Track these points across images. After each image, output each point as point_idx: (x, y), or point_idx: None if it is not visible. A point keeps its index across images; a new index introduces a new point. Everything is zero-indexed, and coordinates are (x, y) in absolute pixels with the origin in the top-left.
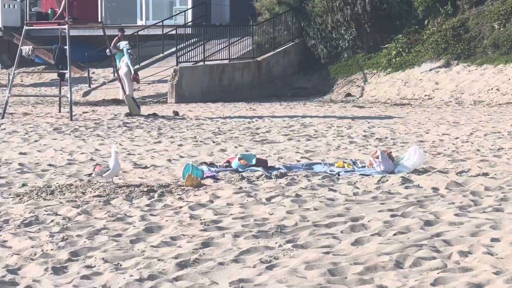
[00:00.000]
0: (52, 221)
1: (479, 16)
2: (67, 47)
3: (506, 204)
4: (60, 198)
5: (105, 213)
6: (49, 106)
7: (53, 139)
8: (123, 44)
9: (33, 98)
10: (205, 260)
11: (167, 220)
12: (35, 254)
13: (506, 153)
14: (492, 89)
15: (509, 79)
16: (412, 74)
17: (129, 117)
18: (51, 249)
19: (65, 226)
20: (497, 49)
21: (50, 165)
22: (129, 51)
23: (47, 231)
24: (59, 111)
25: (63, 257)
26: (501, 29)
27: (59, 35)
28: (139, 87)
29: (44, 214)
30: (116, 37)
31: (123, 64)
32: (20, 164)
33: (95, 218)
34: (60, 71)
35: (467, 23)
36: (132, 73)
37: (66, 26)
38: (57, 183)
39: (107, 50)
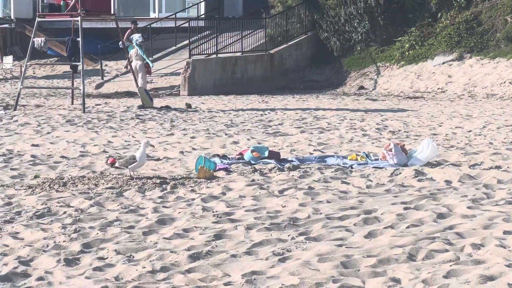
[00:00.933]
0: (64, 212)
1: (492, 9)
2: (79, 39)
3: None
4: (72, 190)
5: (118, 205)
6: (61, 98)
7: (66, 131)
8: (136, 37)
9: (46, 90)
10: (218, 252)
11: (179, 212)
12: (47, 246)
13: None
14: (505, 82)
15: None
16: (425, 67)
17: (142, 109)
18: (64, 241)
19: (77, 218)
20: (510, 42)
21: (62, 157)
22: (138, 42)
23: (60, 223)
24: (72, 103)
25: (75, 249)
26: None
27: (71, 27)
28: (151, 80)
29: (57, 206)
30: (129, 30)
31: (136, 57)
32: (32, 156)
33: (107, 210)
34: (73, 63)
35: (480, 16)
36: (151, 66)
37: (78, 18)
38: (69, 175)
39: (120, 43)
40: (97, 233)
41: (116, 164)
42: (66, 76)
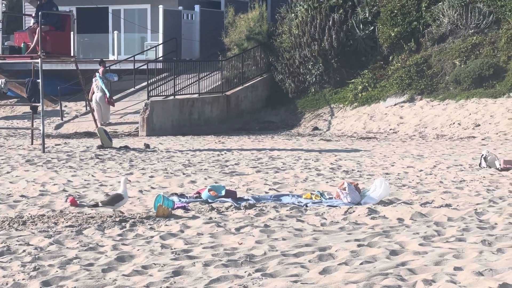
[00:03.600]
0: (24, 251)
1: (441, 53)
2: (39, 80)
3: (468, 234)
4: (32, 228)
5: (77, 243)
6: (21, 138)
7: (26, 170)
8: (114, 76)
9: (5, 130)
10: None
11: (138, 249)
12: (7, 284)
13: (467, 185)
14: (454, 123)
15: (470, 114)
16: (377, 108)
17: (101, 149)
18: (23, 279)
19: (37, 256)
20: (458, 85)
21: (22, 196)
22: (100, 75)
23: (19, 261)
24: (32, 144)
25: (35, 287)
26: (462, 65)
27: (32, 68)
28: (110, 121)
29: (16, 244)
30: (102, 69)
31: (97, 89)
32: None
33: (67, 247)
34: (33, 104)
35: (430, 60)
36: (107, 95)
37: (39, 60)
38: (29, 213)
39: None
40: (57, 271)
41: (100, 204)
42: (25, 116)
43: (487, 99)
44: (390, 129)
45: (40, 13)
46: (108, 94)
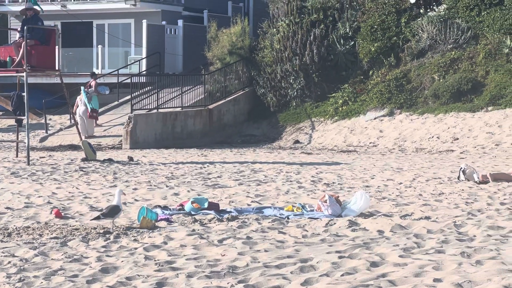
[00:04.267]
0: (9, 262)
1: (420, 68)
2: (25, 93)
3: (447, 246)
4: (17, 240)
5: (62, 254)
6: (6, 151)
7: (11, 183)
8: (105, 89)
9: None
10: None
11: (122, 261)
12: None
13: (446, 198)
14: (432, 137)
15: (449, 128)
16: (357, 122)
17: (85, 162)
18: None
19: (22, 268)
20: (437, 99)
21: (7, 208)
22: (85, 89)
23: (4, 272)
24: (17, 156)
25: None
26: (441, 80)
27: (17, 82)
28: (93, 134)
29: (1, 256)
30: (94, 82)
31: (81, 103)
32: None
33: (52, 259)
34: (18, 117)
35: (409, 74)
36: (89, 109)
37: (24, 74)
38: (14, 225)
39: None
40: (41, 282)
41: (101, 217)
42: (10, 129)
43: (465, 113)
44: (370, 143)
45: (25, 27)
46: (89, 108)
